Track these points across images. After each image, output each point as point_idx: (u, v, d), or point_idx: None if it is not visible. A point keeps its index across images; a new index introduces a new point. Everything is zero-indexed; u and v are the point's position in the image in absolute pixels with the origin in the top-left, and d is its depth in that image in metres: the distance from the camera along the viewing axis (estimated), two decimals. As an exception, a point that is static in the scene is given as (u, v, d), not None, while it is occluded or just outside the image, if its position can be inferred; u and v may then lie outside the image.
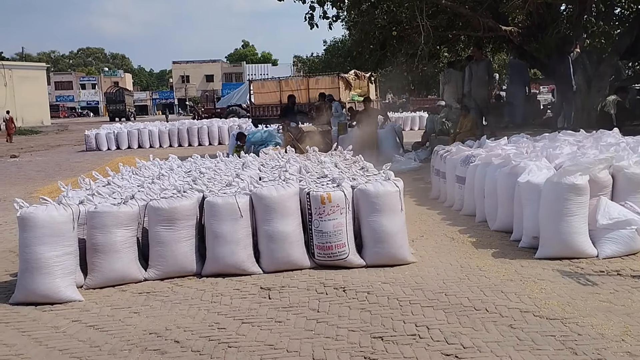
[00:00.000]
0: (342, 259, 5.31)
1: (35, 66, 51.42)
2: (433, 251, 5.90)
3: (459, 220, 7.33)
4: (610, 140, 7.29)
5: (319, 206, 5.28)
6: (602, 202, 5.41)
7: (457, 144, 8.89)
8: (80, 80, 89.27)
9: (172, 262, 5.26)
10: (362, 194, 5.42)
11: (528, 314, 4.10)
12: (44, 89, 49.64)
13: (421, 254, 5.78)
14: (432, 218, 7.59)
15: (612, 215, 5.32)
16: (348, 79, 20.37)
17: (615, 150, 6.35)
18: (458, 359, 3.49)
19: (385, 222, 5.36)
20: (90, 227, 5.12)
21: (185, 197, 5.36)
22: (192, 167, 7.46)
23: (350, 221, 5.38)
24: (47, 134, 37.50)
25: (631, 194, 5.62)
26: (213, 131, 24.20)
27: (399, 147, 14.60)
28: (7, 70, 44.34)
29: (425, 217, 7.65)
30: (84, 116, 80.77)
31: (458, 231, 6.73)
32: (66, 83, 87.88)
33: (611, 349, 3.53)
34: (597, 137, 8.07)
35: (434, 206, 8.38)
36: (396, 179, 5.56)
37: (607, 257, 5.26)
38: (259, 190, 5.37)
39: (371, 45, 15.67)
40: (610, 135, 8.09)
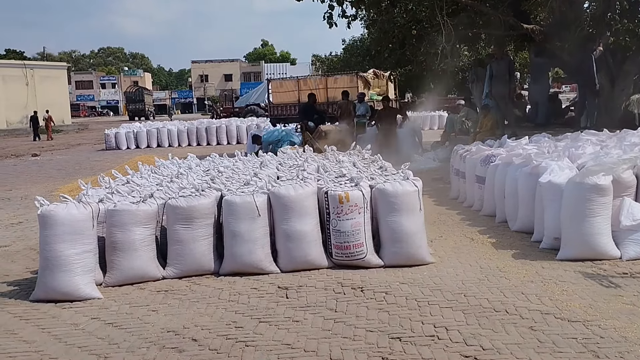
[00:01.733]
0: (360, 259, 5.30)
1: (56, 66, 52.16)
2: (452, 252, 5.87)
3: (479, 220, 7.28)
4: (634, 140, 7.18)
5: (337, 205, 5.28)
6: (626, 203, 5.34)
7: (477, 143, 8.83)
8: (101, 80, 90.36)
9: (190, 261, 5.29)
10: (380, 193, 5.41)
11: (549, 316, 4.06)
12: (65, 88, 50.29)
13: (440, 254, 5.75)
14: (451, 218, 7.55)
15: (636, 216, 5.25)
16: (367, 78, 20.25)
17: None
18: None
19: (404, 221, 5.35)
20: (110, 225, 5.16)
21: (204, 195, 5.39)
22: (211, 166, 7.49)
23: (368, 221, 5.38)
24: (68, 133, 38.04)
25: (656, 194, 5.54)
26: (231, 130, 24.36)
27: (418, 146, 14.53)
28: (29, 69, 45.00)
29: (445, 217, 7.61)
30: (104, 115, 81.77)
31: (478, 232, 6.69)
32: (87, 82, 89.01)
33: (634, 352, 3.48)
34: (620, 136, 7.96)
35: (453, 206, 8.33)
36: (415, 179, 5.54)
37: (630, 259, 5.19)
38: (277, 189, 5.38)
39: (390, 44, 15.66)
40: (634, 134, 7.97)
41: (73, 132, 40.14)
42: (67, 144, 27.64)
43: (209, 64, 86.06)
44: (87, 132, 39.15)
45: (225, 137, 24.18)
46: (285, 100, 22.03)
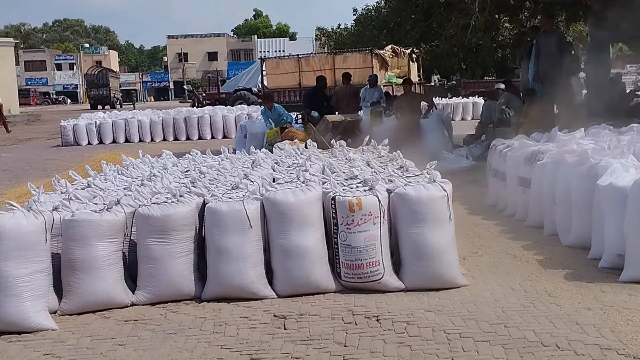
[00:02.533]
0: (375, 281, 5.31)
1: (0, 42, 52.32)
2: (489, 272, 5.86)
3: (523, 232, 7.27)
4: None
5: (347, 214, 5.29)
6: None
7: (521, 137, 8.80)
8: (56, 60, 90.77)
9: (166, 283, 5.30)
10: (400, 199, 5.41)
11: (611, 352, 4.04)
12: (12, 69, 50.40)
13: (474, 274, 5.75)
14: (488, 230, 7.54)
15: None
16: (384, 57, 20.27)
17: None
18: (521, 407, 3.46)
19: (430, 234, 5.35)
20: (67, 239, 5.16)
21: (182, 202, 5.39)
22: (191, 166, 7.51)
23: (385, 233, 5.38)
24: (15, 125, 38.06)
25: None
26: (217, 122, 24.42)
27: (447, 141, 14.51)
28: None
29: (480, 228, 7.61)
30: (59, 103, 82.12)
31: (521, 247, 6.68)
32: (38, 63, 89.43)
33: None
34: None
35: (490, 215, 8.33)
36: (443, 181, 5.54)
37: None
38: (273, 195, 5.39)
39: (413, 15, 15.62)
40: None
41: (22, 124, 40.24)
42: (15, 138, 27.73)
43: (189, 39, 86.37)
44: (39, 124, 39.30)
45: (208, 130, 24.23)
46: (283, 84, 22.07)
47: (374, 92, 15.38)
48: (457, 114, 28.47)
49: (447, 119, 15.61)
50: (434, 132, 14.34)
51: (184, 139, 23.95)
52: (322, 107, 14.27)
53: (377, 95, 15.31)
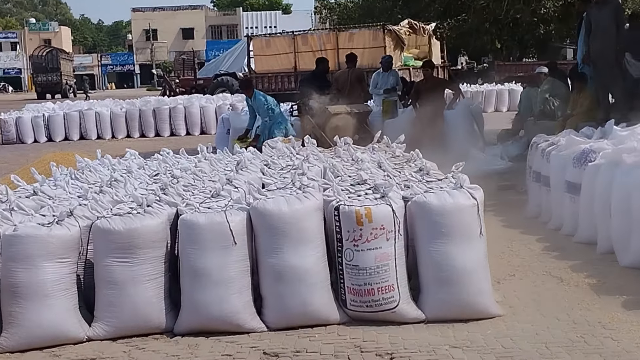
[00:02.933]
0: (388, 310, 5.30)
1: None
2: (530, 299, 5.85)
3: (571, 250, 7.27)
4: None
5: (354, 228, 5.28)
6: None
7: (569, 132, 8.80)
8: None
9: (130, 313, 5.28)
10: (420, 209, 5.41)
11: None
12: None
13: (512, 302, 5.74)
14: (528, 247, 7.54)
15: None
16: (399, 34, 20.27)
17: None
18: None
19: (456, 253, 5.35)
20: (7, 258, 5.14)
21: (150, 214, 5.38)
22: (161, 169, 7.46)
23: (401, 252, 5.38)
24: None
25: None
26: (193, 114, 24.36)
27: (477, 137, 14.49)
28: None
29: (518, 245, 7.61)
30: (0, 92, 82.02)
31: (569, 267, 6.67)
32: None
33: None
34: None
35: (531, 228, 8.33)
36: (473, 187, 5.53)
37: None
38: (262, 204, 5.38)
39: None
40: None
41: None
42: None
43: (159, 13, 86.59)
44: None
45: (183, 125, 24.16)
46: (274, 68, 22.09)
47: (388, 77, 15.34)
48: (490, 104, 28.44)
49: (477, 110, 15.59)
50: (461, 126, 14.28)
51: (153, 135, 23.94)
52: (323, 96, 14.22)
53: (392, 81, 15.28)
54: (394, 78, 15.38)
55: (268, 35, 25.71)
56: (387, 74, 15.42)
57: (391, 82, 15.23)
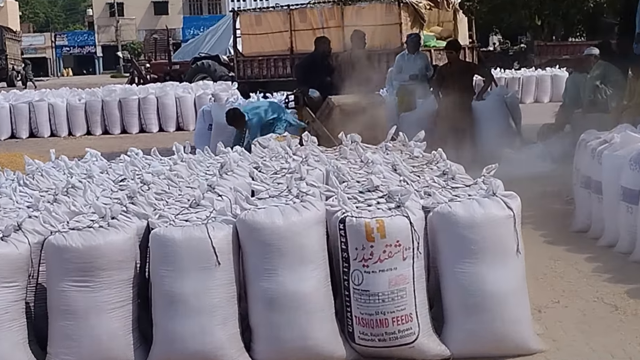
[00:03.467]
0: (406, 344, 5.28)
1: None
2: (577, 330, 5.85)
3: (628, 271, 7.26)
4: None
5: (364, 245, 5.27)
6: None
7: (625, 127, 8.78)
8: None
9: (91, 348, 5.24)
10: (444, 222, 5.41)
11: None
12: None
13: (555, 335, 5.74)
14: (575, 268, 7.55)
15: None
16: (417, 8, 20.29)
17: None
18: None
19: (488, 274, 5.34)
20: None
21: (116, 228, 5.35)
22: (128, 173, 7.41)
23: (421, 273, 5.39)
24: None
25: None
26: (167, 106, 24.36)
27: (513, 133, 14.50)
28: None
29: (564, 265, 7.62)
30: None
31: (625, 293, 6.66)
32: None
33: None
34: None
35: (579, 245, 8.34)
36: (508, 195, 5.53)
37: None
38: (252, 216, 5.36)
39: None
40: None
41: None
42: None
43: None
44: None
45: (155, 119, 24.22)
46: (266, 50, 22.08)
47: (415, 60, 15.23)
48: (529, 94, 28.50)
49: (513, 100, 15.59)
50: (494, 120, 14.32)
51: (118, 132, 24.01)
52: (324, 84, 14.14)
53: (420, 65, 15.17)
54: (422, 61, 15.27)
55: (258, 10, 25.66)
56: (414, 56, 15.33)
57: (419, 67, 15.11)
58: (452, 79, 14.24)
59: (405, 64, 15.34)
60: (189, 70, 35.90)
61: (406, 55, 15.44)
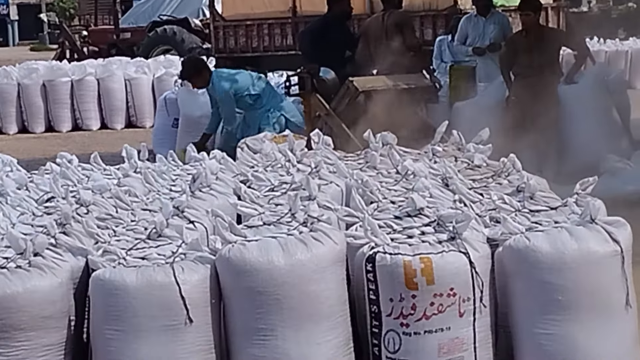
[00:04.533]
0: None
1: None
2: None
3: None
4: None
5: (402, 294, 4.28)
6: None
7: None
8: None
9: None
10: (520, 260, 4.39)
11: None
12: None
13: None
14: None
15: None
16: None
17: None
18: None
19: (585, 335, 4.36)
20: None
21: (40, 268, 4.35)
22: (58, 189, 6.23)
23: (487, 335, 4.44)
24: None
25: None
26: (112, 91, 21.01)
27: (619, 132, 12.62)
28: None
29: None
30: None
31: None
32: None
33: None
34: None
35: None
36: (614, 222, 4.47)
37: None
38: (239, 252, 4.31)
39: None
40: None
41: None
42: None
43: None
44: None
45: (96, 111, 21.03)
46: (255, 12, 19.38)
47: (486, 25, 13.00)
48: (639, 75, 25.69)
49: (618, 84, 13.18)
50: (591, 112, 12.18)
51: (42, 129, 20.92)
52: (341, 60, 12.21)
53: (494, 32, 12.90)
54: (497, 27, 12.97)
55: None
56: (485, 20, 13.10)
57: (493, 34, 12.95)
58: (529, 54, 12.07)
59: (472, 30, 13.04)
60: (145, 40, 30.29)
61: (473, 19, 13.16)
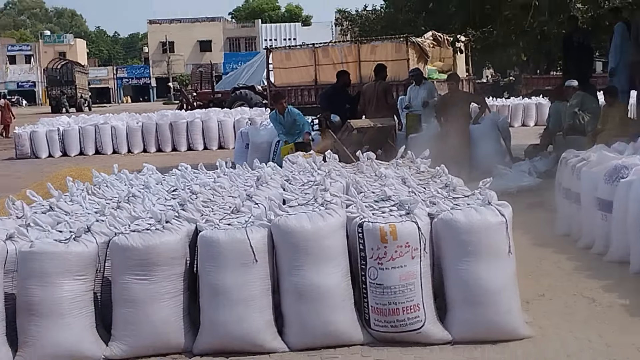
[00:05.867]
0: (414, 330, 5.29)
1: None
2: (561, 319, 5.82)
3: (603, 270, 7.22)
4: None
5: (378, 246, 5.28)
6: None
7: (600, 147, 8.76)
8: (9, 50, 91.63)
9: (148, 332, 5.29)
10: (446, 227, 5.41)
11: None
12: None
13: (541, 323, 5.70)
14: (558, 266, 7.51)
15: None
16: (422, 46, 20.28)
17: None
18: None
19: (484, 272, 5.33)
20: (23, 275, 5.17)
21: (169, 230, 5.39)
22: (179, 184, 7.45)
23: (427, 270, 5.38)
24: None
25: None
26: (210, 128, 24.61)
27: (504, 152, 14.47)
28: None
29: (548, 264, 7.58)
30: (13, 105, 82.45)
31: (601, 288, 6.63)
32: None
33: None
34: None
35: (561, 247, 8.29)
36: (501, 204, 5.52)
37: None
38: (284, 221, 5.39)
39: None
40: None
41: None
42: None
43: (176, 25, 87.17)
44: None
45: (200, 139, 24.43)
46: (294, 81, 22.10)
47: (419, 90, 15.28)
48: (517, 119, 28.55)
49: (503, 124, 15.51)
50: (488, 141, 14.25)
51: (170, 150, 24.16)
52: (344, 110, 14.23)
53: (422, 94, 15.21)
54: (424, 91, 15.27)
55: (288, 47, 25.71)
56: (419, 87, 15.36)
57: (422, 96, 15.14)
58: (452, 106, 14.20)
59: (412, 94, 15.36)
60: (229, 98, 35.95)
61: (414, 86, 15.48)
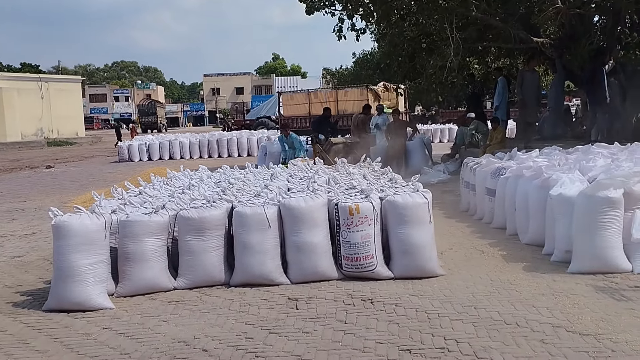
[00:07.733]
0: (369, 271, 5.29)
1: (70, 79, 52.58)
2: (462, 264, 5.82)
3: (489, 233, 7.23)
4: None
5: (347, 217, 5.26)
6: (637, 216, 5.26)
7: (488, 156, 8.79)
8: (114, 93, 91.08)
9: (201, 272, 5.29)
10: (390, 205, 5.39)
11: (560, 329, 4.02)
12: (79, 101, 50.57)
13: (450, 266, 5.71)
14: (461, 231, 7.50)
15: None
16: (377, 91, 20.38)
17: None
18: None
19: (414, 233, 5.32)
20: (122, 236, 5.18)
21: (215, 207, 5.39)
22: (222, 178, 7.47)
23: (378, 233, 5.36)
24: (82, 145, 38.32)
25: (668, 207, 5.44)
26: (242, 143, 24.49)
27: (427, 159, 14.51)
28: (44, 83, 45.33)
29: (455, 229, 7.57)
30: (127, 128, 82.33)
31: (488, 244, 6.63)
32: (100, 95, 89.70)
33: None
34: (632, 149, 7.91)
35: (463, 219, 8.28)
36: (425, 191, 5.52)
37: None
38: (288, 201, 5.38)
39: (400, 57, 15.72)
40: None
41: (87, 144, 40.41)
42: (81, 156, 27.83)
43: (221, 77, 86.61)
44: (101, 144, 39.36)
45: (236, 150, 24.31)
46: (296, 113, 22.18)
47: (379, 118, 15.39)
48: (436, 137, 28.55)
49: (427, 141, 15.51)
50: (417, 152, 14.34)
51: (216, 156, 23.95)
52: (327, 132, 14.29)
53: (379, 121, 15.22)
54: (381, 119, 15.33)
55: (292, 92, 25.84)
56: (379, 116, 15.43)
57: (379, 122, 15.17)
58: (395, 129, 14.28)
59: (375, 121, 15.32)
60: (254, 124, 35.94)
61: (377, 116, 15.54)
